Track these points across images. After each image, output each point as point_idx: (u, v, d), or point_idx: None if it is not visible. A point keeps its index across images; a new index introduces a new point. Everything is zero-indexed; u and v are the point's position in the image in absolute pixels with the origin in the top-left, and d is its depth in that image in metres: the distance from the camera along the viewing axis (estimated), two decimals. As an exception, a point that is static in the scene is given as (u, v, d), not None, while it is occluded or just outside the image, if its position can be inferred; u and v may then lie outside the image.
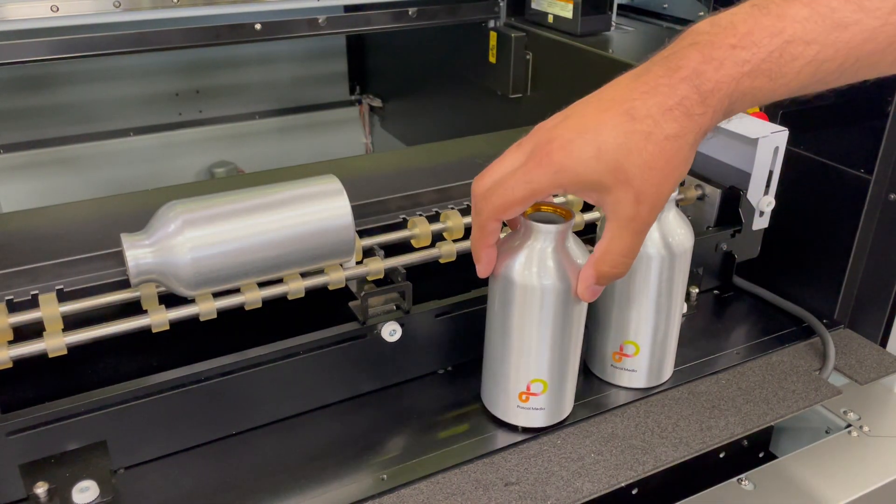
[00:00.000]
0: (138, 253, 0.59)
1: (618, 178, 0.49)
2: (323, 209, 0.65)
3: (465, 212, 0.79)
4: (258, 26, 1.14)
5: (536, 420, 0.66)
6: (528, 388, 0.65)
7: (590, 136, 0.49)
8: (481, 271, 0.59)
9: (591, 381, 0.73)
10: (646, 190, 0.49)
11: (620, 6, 1.29)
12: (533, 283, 0.60)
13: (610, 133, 0.48)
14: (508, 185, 0.51)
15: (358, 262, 0.70)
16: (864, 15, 0.45)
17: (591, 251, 0.64)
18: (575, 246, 0.61)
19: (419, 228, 0.74)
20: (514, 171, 0.51)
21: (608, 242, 0.52)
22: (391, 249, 0.73)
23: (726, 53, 0.47)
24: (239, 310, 0.64)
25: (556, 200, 0.82)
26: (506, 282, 0.61)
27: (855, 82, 0.50)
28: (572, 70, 1.15)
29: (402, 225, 0.77)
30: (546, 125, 0.51)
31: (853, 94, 1.06)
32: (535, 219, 0.60)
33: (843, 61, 0.47)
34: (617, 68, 0.51)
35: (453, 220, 0.76)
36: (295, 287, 0.66)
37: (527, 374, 0.64)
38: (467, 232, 0.77)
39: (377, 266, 0.69)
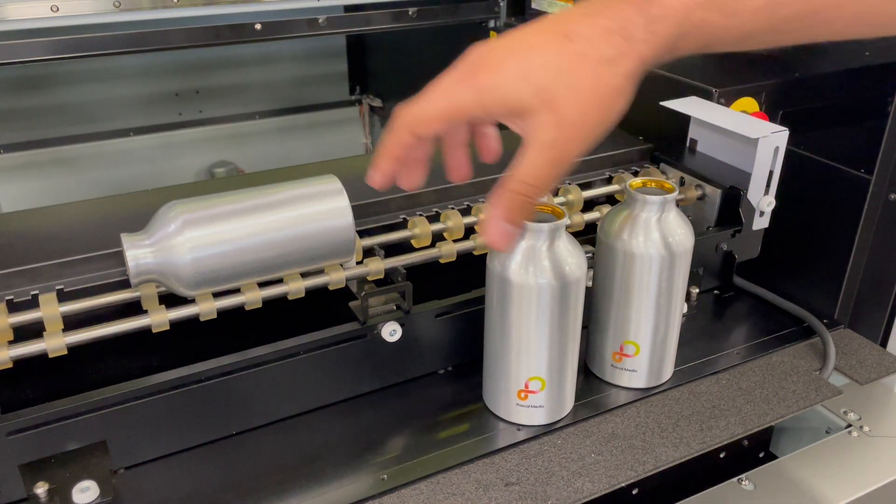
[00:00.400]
0: (138, 253, 0.59)
1: (542, 100, 0.45)
2: (323, 209, 0.65)
3: (466, 212, 0.79)
4: (258, 26, 1.14)
5: (536, 418, 0.67)
6: (526, 386, 0.65)
7: (520, 56, 0.46)
8: (371, 177, 0.51)
9: (591, 381, 0.73)
10: (569, 115, 0.45)
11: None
12: (529, 282, 0.60)
13: (541, 53, 0.45)
14: (430, 97, 0.47)
15: (358, 262, 0.70)
16: None
17: (586, 251, 0.64)
18: (570, 245, 0.62)
19: (419, 228, 0.74)
20: (440, 87, 0.47)
21: (522, 169, 0.46)
22: (391, 249, 0.73)
23: None
24: (239, 310, 0.64)
25: (556, 201, 0.82)
26: (502, 281, 0.61)
27: (812, 42, 0.48)
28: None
29: (402, 225, 0.77)
30: (481, 44, 0.48)
31: (853, 94, 1.07)
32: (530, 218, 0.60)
33: (799, 8, 0.45)
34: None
35: (453, 220, 0.76)
36: (295, 287, 0.66)
37: (525, 372, 0.64)
38: (468, 232, 0.77)
39: (377, 266, 0.69)
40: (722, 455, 0.75)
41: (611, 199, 0.89)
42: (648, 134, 0.94)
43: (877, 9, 0.46)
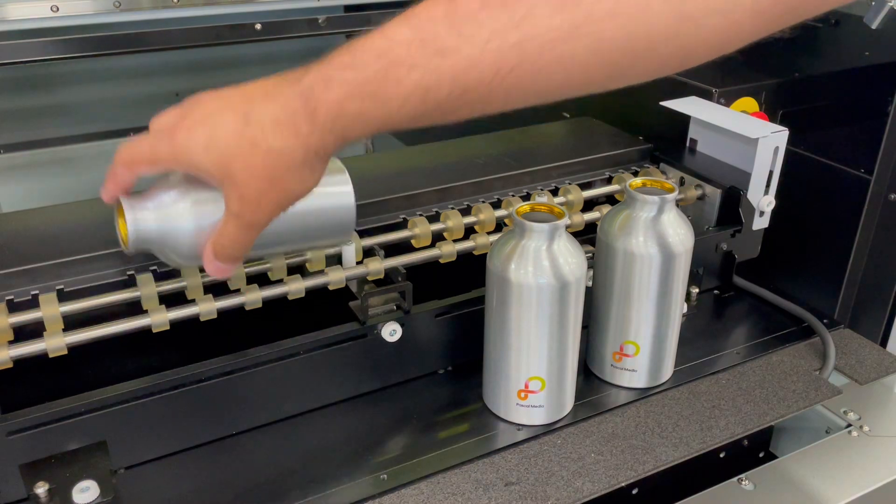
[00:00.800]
0: (139, 216, 0.55)
1: (223, 174, 0.49)
2: (325, 189, 0.62)
3: (466, 212, 0.79)
4: (258, 26, 1.14)
5: (536, 418, 0.67)
6: (526, 386, 0.65)
7: (207, 128, 0.49)
8: (104, 194, 0.56)
9: (591, 380, 0.73)
10: (249, 194, 0.49)
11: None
12: (528, 281, 0.60)
13: (223, 130, 0.49)
14: (142, 142, 0.52)
15: (358, 262, 0.70)
16: (462, 41, 0.44)
17: (586, 251, 0.65)
18: (570, 244, 0.62)
19: (419, 228, 0.74)
20: (154, 132, 0.52)
21: (220, 228, 0.52)
22: (391, 249, 0.73)
23: (336, 72, 0.47)
24: (239, 310, 0.64)
25: (557, 201, 0.82)
26: (502, 281, 0.61)
27: (480, 115, 0.49)
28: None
29: (402, 225, 0.77)
30: (193, 100, 0.52)
31: (853, 94, 1.07)
32: (529, 218, 0.61)
33: (450, 89, 0.46)
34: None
35: (453, 220, 0.76)
36: (295, 287, 0.66)
37: (525, 372, 0.64)
38: (468, 232, 0.77)
39: (377, 266, 0.69)
40: (722, 455, 0.75)
41: (611, 199, 0.89)
42: (648, 134, 0.94)
43: (525, 81, 0.47)
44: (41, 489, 0.58)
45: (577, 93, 0.49)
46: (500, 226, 0.79)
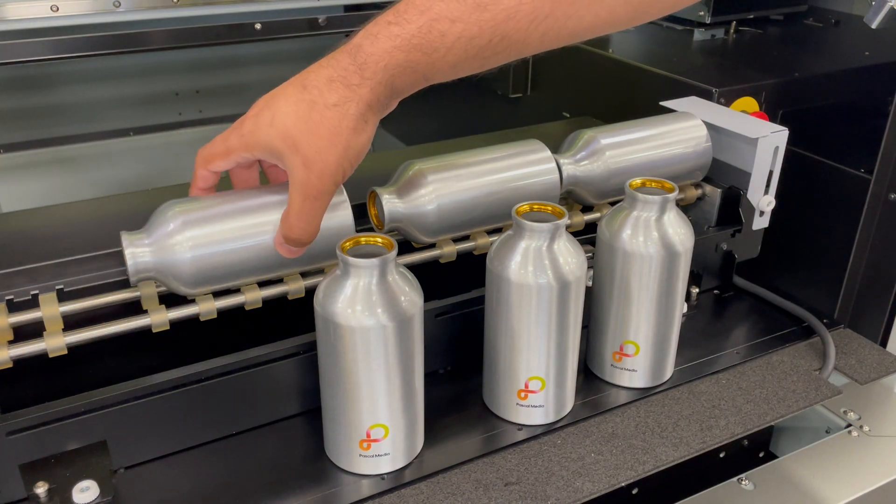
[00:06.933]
0: (137, 251, 0.59)
1: (287, 144, 0.54)
2: None
3: (465, 212, 0.79)
4: (258, 26, 1.14)
5: (536, 418, 0.67)
6: (526, 386, 0.65)
7: (270, 105, 0.55)
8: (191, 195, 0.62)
9: (591, 380, 0.73)
10: (311, 156, 0.53)
11: (620, 6, 1.28)
12: (529, 282, 0.60)
13: (284, 103, 0.54)
14: (214, 142, 0.58)
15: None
16: None
17: (586, 251, 0.65)
18: (570, 244, 0.62)
19: (419, 228, 0.74)
20: (228, 130, 0.58)
21: (288, 206, 0.56)
22: (391, 249, 0.73)
23: (381, 29, 0.53)
24: (239, 310, 0.64)
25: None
26: (502, 281, 0.61)
27: (516, 60, 0.56)
28: (572, 70, 1.15)
29: (402, 225, 0.77)
30: (261, 98, 0.57)
31: (853, 94, 1.07)
32: (530, 218, 0.60)
33: (490, 38, 0.52)
34: (616, 68, 0.52)
35: (453, 220, 0.76)
36: (295, 287, 0.66)
37: (525, 371, 0.64)
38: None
39: (377, 266, 0.69)
40: (722, 455, 0.75)
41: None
42: (648, 134, 0.94)
43: (558, 25, 0.53)
44: (41, 489, 0.58)
45: (604, 32, 0.56)
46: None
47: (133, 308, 0.63)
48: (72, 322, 0.60)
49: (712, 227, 0.85)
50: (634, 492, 0.71)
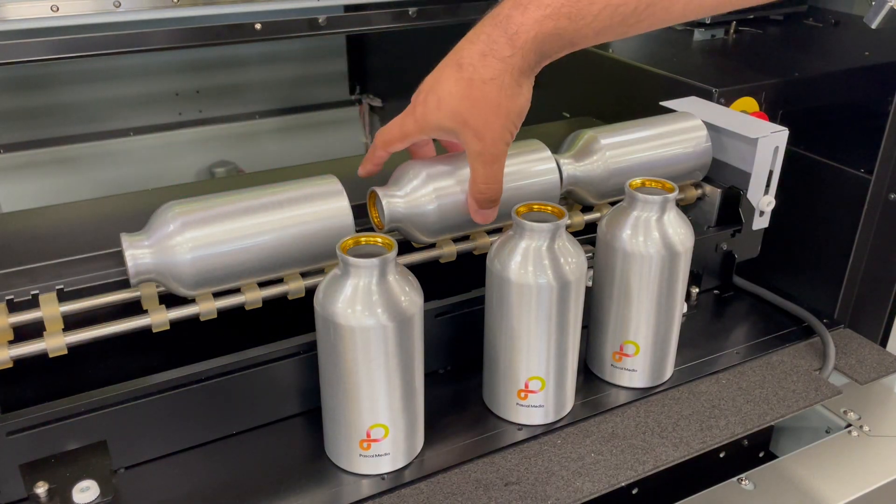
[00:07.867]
0: (137, 253, 0.59)
1: (457, 122, 0.59)
2: (323, 210, 0.65)
3: (465, 212, 0.79)
4: (258, 26, 1.14)
5: (536, 417, 0.67)
6: (526, 386, 0.65)
7: (434, 89, 0.59)
8: (360, 172, 0.68)
9: (591, 380, 0.73)
10: (481, 127, 0.58)
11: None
12: (529, 281, 0.60)
13: (445, 84, 0.59)
14: (391, 125, 0.64)
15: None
16: None
17: (586, 251, 0.65)
18: (570, 244, 0.62)
19: (419, 228, 0.74)
20: (401, 115, 0.63)
21: (472, 175, 0.63)
22: (391, 249, 0.73)
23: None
24: (239, 310, 0.64)
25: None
26: (502, 281, 0.61)
27: (658, 28, 0.58)
28: (572, 69, 1.15)
29: (402, 225, 0.77)
30: (426, 79, 0.62)
31: (853, 94, 1.07)
32: (530, 218, 0.61)
33: (636, 5, 0.55)
34: (616, 67, 0.52)
35: (453, 220, 0.76)
36: (295, 287, 0.66)
37: (525, 371, 0.64)
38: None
39: (377, 266, 0.69)
40: (722, 455, 0.75)
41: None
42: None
43: None
44: (41, 489, 0.58)
45: (742, 5, 0.60)
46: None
47: (133, 308, 0.63)
48: (72, 322, 0.60)
49: (712, 227, 0.85)
50: (634, 492, 0.71)
